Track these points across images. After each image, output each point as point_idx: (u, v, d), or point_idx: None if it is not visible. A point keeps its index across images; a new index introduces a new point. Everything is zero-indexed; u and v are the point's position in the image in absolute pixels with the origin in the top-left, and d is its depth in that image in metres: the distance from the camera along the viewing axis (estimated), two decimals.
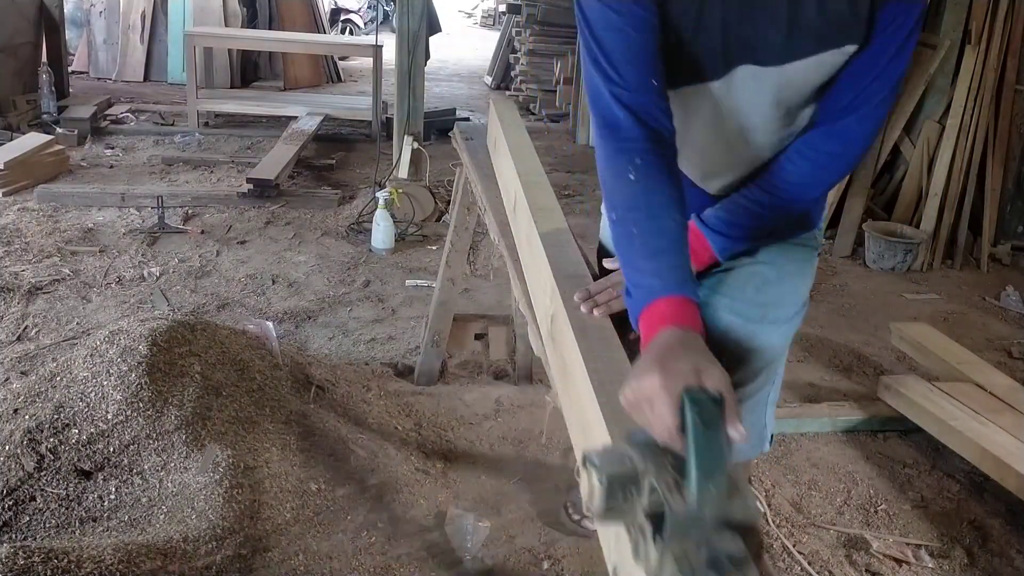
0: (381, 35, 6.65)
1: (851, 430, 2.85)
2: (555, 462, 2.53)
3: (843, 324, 3.77)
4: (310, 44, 7.46)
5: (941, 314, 3.96)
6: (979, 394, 2.73)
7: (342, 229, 4.40)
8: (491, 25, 14.58)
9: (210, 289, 3.60)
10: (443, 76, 9.39)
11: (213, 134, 6.10)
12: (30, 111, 5.82)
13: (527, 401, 2.88)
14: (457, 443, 2.62)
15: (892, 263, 4.44)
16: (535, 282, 1.62)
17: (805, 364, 3.37)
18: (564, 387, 1.31)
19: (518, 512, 2.33)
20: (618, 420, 1.03)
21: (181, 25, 7.49)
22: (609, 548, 1.02)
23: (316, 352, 3.05)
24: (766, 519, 2.38)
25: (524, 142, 2.11)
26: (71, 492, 1.87)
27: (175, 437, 1.95)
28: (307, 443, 2.18)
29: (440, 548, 2.11)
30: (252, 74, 8.03)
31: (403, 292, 3.74)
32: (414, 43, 4.49)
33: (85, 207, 4.36)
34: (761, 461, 2.66)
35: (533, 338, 1.58)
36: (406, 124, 4.60)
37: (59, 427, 1.95)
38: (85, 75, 7.69)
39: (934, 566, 2.25)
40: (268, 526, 1.83)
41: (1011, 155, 4.61)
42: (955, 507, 2.51)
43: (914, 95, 4.64)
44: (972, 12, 4.46)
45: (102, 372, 2.03)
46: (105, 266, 3.70)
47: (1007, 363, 3.48)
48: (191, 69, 6.24)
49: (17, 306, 3.24)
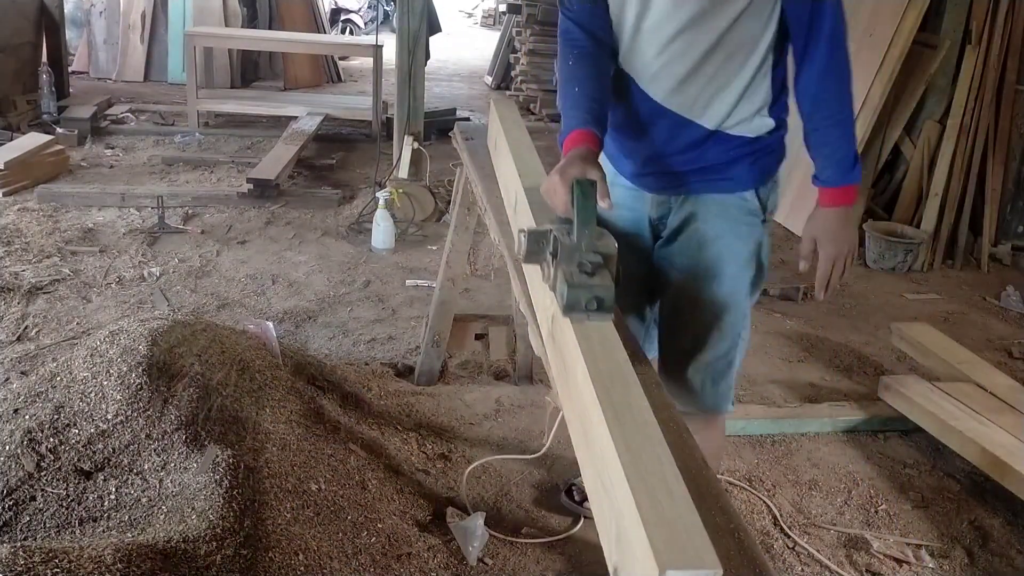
0: (381, 35, 6.64)
1: (851, 430, 2.85)
2: (558, 454, 2.54)
3: (843, 324, 3.76)
4: (310, 44, 7.46)
5: (941, 314, 3.96)
6: (979, 394, 2.73)
7: (342, 229, 4.40)
8: (491, 25, 14.57)
9: (210, 289, 3.60)
10: (443, 76, 9.39)
11: (213, 134, 6.10)
12: (30, 111, 5.81)
13: (527, 401, 2.88)
14: (457, 443, 2.62)
15: (892, 263, 4.44)
16: (536, 281, 1.62)
17: (805, 364, 3.37)
18: (564, 386, 1.31)
19: (518, 512, 2.34)
20: (620, 421, 1.05)
21: (181, 25, 7.48)
22: (610, 550, 1.02)
23: (316, 352, 3.05)
24: (774, 520, 2.38)
25: (525, 142, 2.11)
26: (71, 492, 1.87)
27: (175, 437, 1.95)
28: (307, 443, 2.17)
29: (440, 548, 2.11)
30: (252, 74, 8.03)
31: (403, 292, 3.74)
32: (414, 43, 4.49)
33: (85, 207, 4.36)
34: (761, 461, 2.66)
35: (533, 338, 1.58)
36: (406, 124, 4.60)
37: (59, 427, 1.94)
38: (85, 75, 7.69)
39: (934, 566, 2.25)
40: (268, 526, 1.83)
41: (1011, 155, 4.61)
42: (955, 507, 2.51)
43: (914, 95, 4.64)
44: (972, 12, 4.46)
45: (102, 372, 2.03)
46: (105, 266, 3.70)
47: (1007, 363, 3.47)
48: (191, 69, 6.24)
49: (17, 306, 3.24)
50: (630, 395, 1.13)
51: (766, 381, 3.19)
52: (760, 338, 3.55)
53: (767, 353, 3.43)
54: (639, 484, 0.95)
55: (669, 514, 0.91)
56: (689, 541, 0.87)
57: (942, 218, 4.55)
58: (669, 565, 0.83)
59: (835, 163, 1.59)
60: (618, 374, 1.17)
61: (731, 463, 2.62)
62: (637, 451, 1.01)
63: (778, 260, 4.46)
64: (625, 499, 0.95)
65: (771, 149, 1.65)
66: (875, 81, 4.52)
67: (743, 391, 3.09)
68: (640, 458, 1.00)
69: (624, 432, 1.04)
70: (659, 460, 1.00)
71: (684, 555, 0.85)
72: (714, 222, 1.66)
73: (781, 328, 3.67)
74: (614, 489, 1.00)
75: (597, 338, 1.25)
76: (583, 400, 1.17)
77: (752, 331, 3.52)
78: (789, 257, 4.54)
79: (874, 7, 4.66)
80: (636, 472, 0.97)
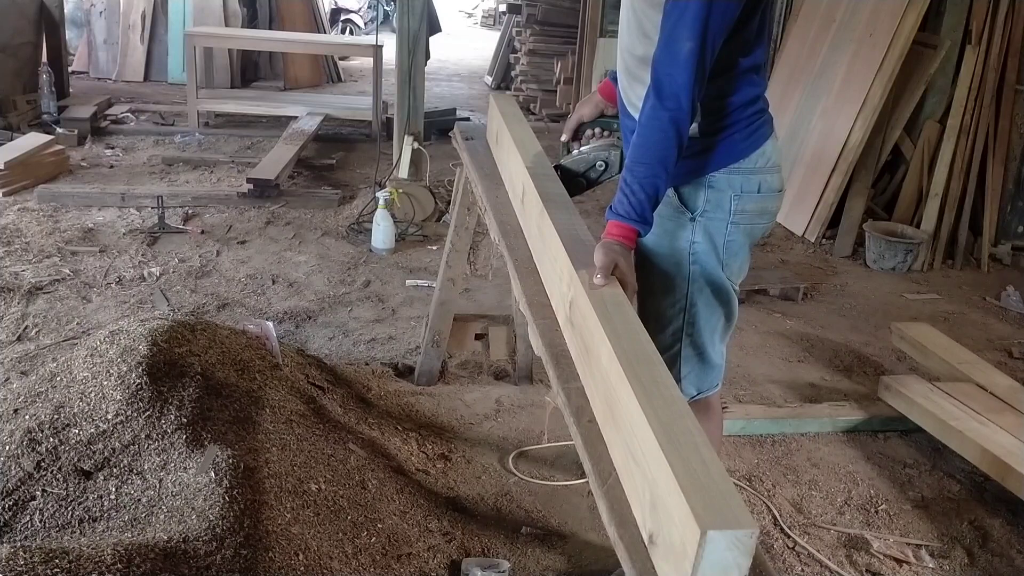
0: (381, 35, 6.65)
1: (852, 430, 2.85)
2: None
3: (844, 324, 3.76)
4: (310, 44, 7.46)
5: (941, 314, 3.95)
6: (979, 394, 2.73)
7: (342, 229, 4.40)
8: (491, 25, 14.57)
9: (210, 289, 3.60)
10: (443, 76, 9.39)
11: (213, 134, 6.10)
12: (30, 111, 5.81)
13: (527, 401, 2.88)
14: (457, 443, 2.62)
15: (893, 263, 4.44)
16: (550, 270, 1.64)
17: (805, 364, 3.37)
18: (586, 368, 1.37)
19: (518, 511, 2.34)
20: (649, 396, 1.13)
21: (181, 25, 7.48)
22: (644, 519, 1.07)
23: (316, 352, 3.05)
24: (774, 520, 2.38)
25: (527, 135, 2.11)
26: (71, 492, 1.87)
27: (175, 437, 1.95)
28: (307, 443, 2.17)
29: (440, 548, 2.11)
30: (252, 74, 8.03)
31: (403, 292, 3.74)
32: (414, 43, 4.49)
33: (85, 207, 4.36)
34: (761, 461, 2.66)
35: (533, 338, 1.58)
36: (406, 124, 4.60)
37: (59, 427, 1.94)
38: (85, 75, 7.69)
39: (934, 566, 2.25)
40: (268, 526, 1.83)
41: (1011, 155, 4.61)
42: (955, 507, 2.51)
43: (915, 95, 4.64)
44: (972, 12, 4.46)
45: (102, 372, 2.03)
46: (105, 266, 3.70)
47: (1007, 363, 3.47)
48: (191, 69, 6.24)
49: (17, 306, 3.24)
50: (655, 372, 1.20)
51: (766, 381, 3.19)
52: (760, 338, 3.55)
53: (767, 353, 3.43)
54: (674, 454, 1.02)
55: (704, 480, 0.98)
56: (726, 504, 0.95)
57: (942, 218, 4.55)
58: (710, 526, 0.90)
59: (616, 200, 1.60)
60: (642, 353, 1.24)
61: (731, 463, 2.62)
62: (668, 423, 1.08)
63: (778, 260, 4.46)
64: (660, 468, 1.02)
65: (692, 152, 1.64)
66: (875, 81, 4.52)
67: (743, 391, 3.09)
68: (672, 430, 1.07)
69: (654, 407, 1.10)
70: (690, 431, 1.08)
71: (723, 517, 0.92)
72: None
73: (781, 328, 3.67)
74: (647, 460, 1.07)
75: (619, 320, 1.31)
76: (609, 380, 1.23)
77: (752, 331, 3.56)
78: (789, 257, 4.54)
79: (874, 7, 4.66)
80: (670, 443, 1.04)
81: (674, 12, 1.49)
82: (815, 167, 4.76)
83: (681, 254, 1.73)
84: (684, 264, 1.73)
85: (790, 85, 5.12)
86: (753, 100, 1.67)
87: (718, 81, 1.59)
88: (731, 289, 1.77)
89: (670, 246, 1.73)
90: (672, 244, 1.73)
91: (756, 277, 3.91)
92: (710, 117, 1.64)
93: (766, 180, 1.71)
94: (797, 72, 5.13)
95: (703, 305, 1.76)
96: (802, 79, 5.06)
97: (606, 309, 1.34)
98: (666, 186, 1.57)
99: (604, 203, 2.19)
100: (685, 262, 1.73)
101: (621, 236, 1.53)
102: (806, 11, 5.26)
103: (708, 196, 1.69)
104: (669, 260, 1.74)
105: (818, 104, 4.88)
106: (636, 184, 1.53)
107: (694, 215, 1.71)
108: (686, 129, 1.53)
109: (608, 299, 1.37)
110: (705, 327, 1.77)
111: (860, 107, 4.56)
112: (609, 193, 1.62)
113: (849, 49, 4.77)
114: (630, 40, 1.70)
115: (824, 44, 4.98)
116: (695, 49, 1.47)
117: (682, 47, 1.48)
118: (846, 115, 4.64)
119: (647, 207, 1.54)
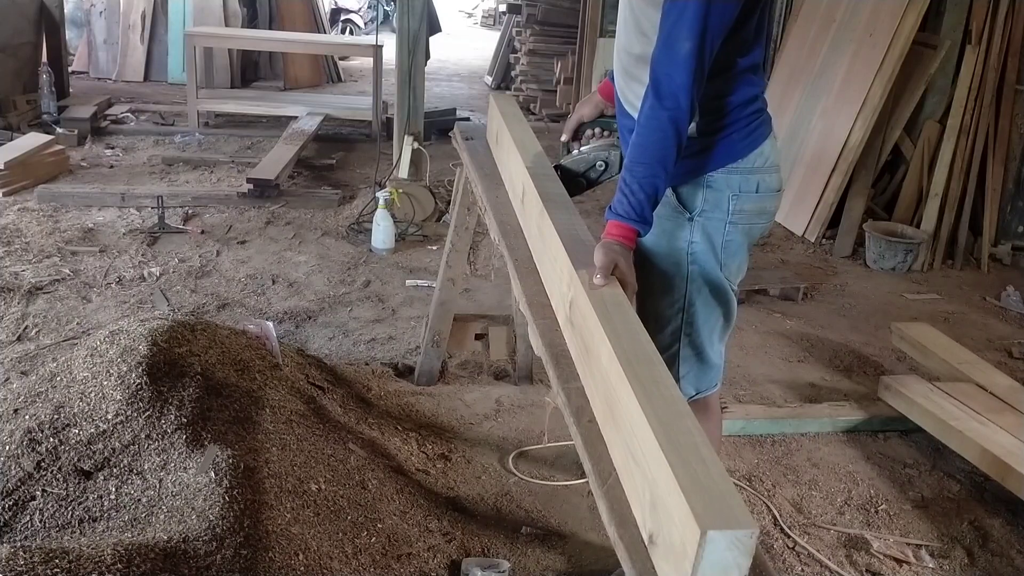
0: (381, 35, 6.65)
1: (852, 430, 2.85)
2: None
3: (844, 324, 3.76)
4: (310, 44, 7.46)
5: (941, 314, 3.95)
6: (979, 394, 2.73)
7: (342, 229, 4.40)
8: (491, 25, 14.57)
9: (210, 289, 3.60)
10: (443, 76, 9.39)
11: (213, 134, 6.10)
12: (30, 111, 5.81)
13: (527, 401, 2.88)
14: (457, 443, 2.62)
15: (893, 263, 4.44)
16: (550, 270, 1.64)
17: (805, 364, 3.37)
18: (586, 368, 1.38)
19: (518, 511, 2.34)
20: (649, 396, 1.13)
21: (181, 25, 7.49)
22: (644, 519, 1.07)
23: (316, 352, 3.05)
24: (774, 520, 2.38)
25: (527, 135, 2.12)
26: (71, 492, 1.86)
27: (175, 437, 1.94)
28: (307, 443, 2.17)
29: (440, 548, 2.11)
30: (252, 74, 8.03)
31: (403, 292, 3.74)
32: (414, 43, 4.49)
33: (85, 207, 4.36)
34: (761, 461, 2.66)
35: (533, 338, 1.58)
36: (406, 124, 4.60)
37: (59, 427, 1.94)
38: (85, 75, 7.69)
39: (934, 566, 2.25)
40: (268, 526, 1.82)
41: (1011, 155, 4.60)
42: (955, 507, 2.51)
43: (915, 95, 4.64)
44: (972, 12, 4.46)
45: (102, 372, 2.03)
46: (105, 266, 3.70)
47: (1007, 363, 3.47)
48: (191, 69, 6.24)
49: (17, 306, 3.24)
50: (655, 372, 1.20)
51: (766, 381, 3.19)
52: (760, 338, 3.55)
53: (767, 353, 3.43)
54: (674, 454, 1.02)
55: (704, 480, 0.98)
56: (725, 504, 0.95)
57: (942, 218, 4.55)
58: (710, 526, 0.90)
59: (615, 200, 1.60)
60: (642, 353, 1.24)
61: (731, 463, 2.62)
62: (668, 423, 1.08)
63: (778, 260, 4.46)
64: (660, 468, 1.02)
65: (691, 152, 1.64)
66: (875, 81, 4.52)
67: (743, 391, 3.09)
68: (672, 429, 1.07)
69: (654, 406, 1.10)
70: (689, 431, 1.08)
71: (723, 517, 0.92)
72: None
73: (781, 328, 3.67)
74: (647, 460, 1.07)
75: (619, 320, 1.32)
76: (609, 380, 1.24)
77: (752, 331, 3.56)
78: (789, 257, 4.54)
79: (874, 7, 4.66)
80: (669, 443, 1.04)
81: (673, 12, 1.49)
82: (815, 167, 4.76)
83: (679, 254, 1.73)
84: (683, 264, 1.73)
85: (790, 85, 5.12)
86: (751, 100, 1.67)
87: (716, 81, 1.59)
88: (729, 289, 1.77)
89: (668, 246, 1.74)
90: (670, 244, 1.73)
91: (756, 277, 3.91)
92: (708, 117, 1.64)
93: (765, 180, 1.71)
94: (797, 72, 5.13)
95: (701, 305, 1.76)
96: (802, 79, 5.06)
97: (606, 309, 1.34)
98: (665, 186, 1.57)
99: (604, 203, 2.19)
100: (683, 262, 1.73)
101: (621, 236, 1.53)
102: (806, 11, 5.26)
103: (706, 196, 1.69)
104: (667, 260, 1.75)
105: (818, 104, 4.88)
106: (635, 184, 1.54)
107: (692, 215, 1.71)
108: (685, 129, 1.53)
109: (608, 299, 1.37)
110: (704, 327, 1.78)
111: (860, 107, 4.56)
112: (609, 193, 1.62)
113: (849, 49, 4.77)
114: (627, 38, 1.70)
115: (824, 44, 4.98)
116: (694, 49, 1.47)
117: (681, 47, 1.48)
118: (846, 115, 4.64)
119: (647, 207, 1.54)
